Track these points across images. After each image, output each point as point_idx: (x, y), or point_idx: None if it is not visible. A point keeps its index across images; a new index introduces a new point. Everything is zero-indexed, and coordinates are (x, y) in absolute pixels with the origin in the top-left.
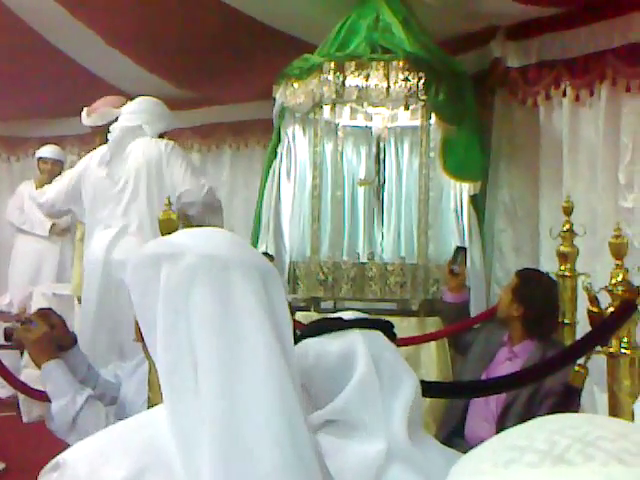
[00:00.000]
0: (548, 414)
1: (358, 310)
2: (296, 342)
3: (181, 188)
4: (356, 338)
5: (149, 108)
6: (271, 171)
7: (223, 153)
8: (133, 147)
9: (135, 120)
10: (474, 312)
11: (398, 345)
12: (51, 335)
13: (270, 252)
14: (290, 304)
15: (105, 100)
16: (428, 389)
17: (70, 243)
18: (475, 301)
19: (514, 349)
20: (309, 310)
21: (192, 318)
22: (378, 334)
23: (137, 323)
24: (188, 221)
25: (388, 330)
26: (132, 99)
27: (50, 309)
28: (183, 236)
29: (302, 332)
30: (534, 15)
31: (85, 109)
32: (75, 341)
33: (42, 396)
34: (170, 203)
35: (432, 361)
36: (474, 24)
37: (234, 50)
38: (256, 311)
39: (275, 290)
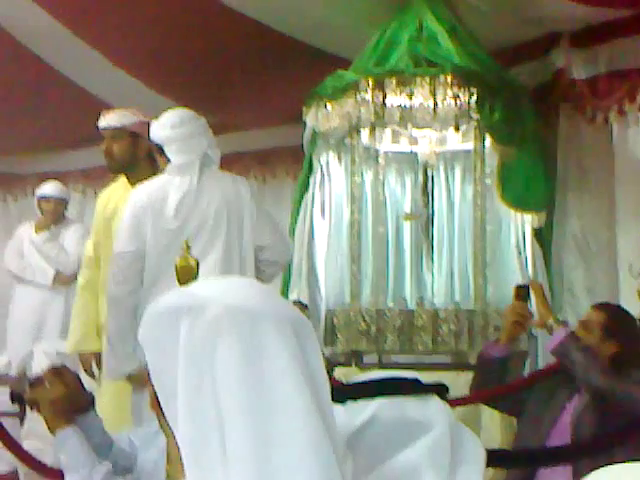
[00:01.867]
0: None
1: (405, 365)
2: (351, 399)
3: (265, 241)
4: (437, 404)
5: (204, 127)
6: (302, 206)
7: None
8: (205, 184)
9: (201, 146)
10: (542, 363)
11: (452, 406)
12: (68, 396)
13: (303, 300)
14: (327, 359)
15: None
16: (495, 458)
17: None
18: (543, 351)
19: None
20: (350, 365)
21: (219, 380)
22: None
23: (153, 388)
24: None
25: (445, 394)
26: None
27: (64, 366)
28: (205, 285)
29: (362, 389)
30: (603, 18)
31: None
32: (91, 403)
33: (47, 470)
34: (188, 247)
35: (495, 422)
36: (533, 30)
37: (257, 68)
38: (291, 371)
39: (310, 346)
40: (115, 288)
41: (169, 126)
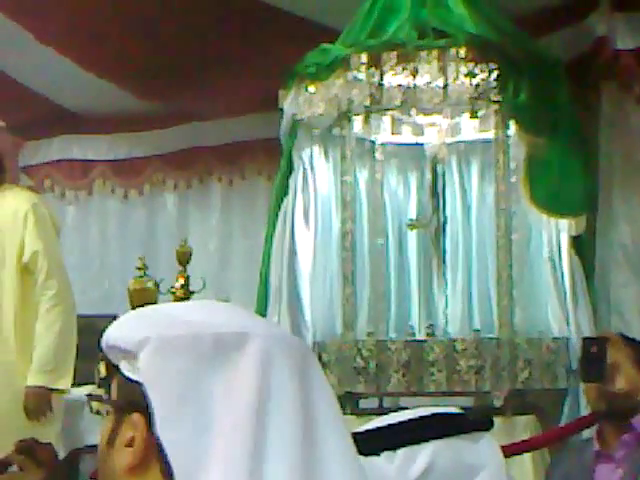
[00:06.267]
0: None
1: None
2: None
3: None
4: (488, 444)
5: None
6: (281, 214)
7: (210, 190)
8: None
9: None
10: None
11: None
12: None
13: None
14: None
15: None
16: None
17: None
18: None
19: None
20: (343, 412)
21: (277, 418)
22: None
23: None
24: None
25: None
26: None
27: (33, 440)
28: (215, 313)
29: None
30: None
31: None
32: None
33: None
34: (145, 266)
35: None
36: None
37: (222, 42)
38: (332, 404)
39: (318, 380)
40: None
41: None
